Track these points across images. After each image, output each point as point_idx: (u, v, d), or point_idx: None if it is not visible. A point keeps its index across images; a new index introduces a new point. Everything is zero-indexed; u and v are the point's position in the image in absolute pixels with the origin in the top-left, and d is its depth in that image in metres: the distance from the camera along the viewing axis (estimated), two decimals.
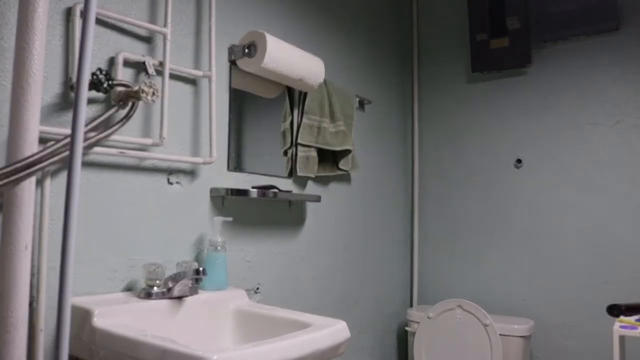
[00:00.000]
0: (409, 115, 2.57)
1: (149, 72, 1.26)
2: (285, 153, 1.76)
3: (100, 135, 1.13)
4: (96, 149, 1.16)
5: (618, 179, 2.06)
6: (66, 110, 1.13)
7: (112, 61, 1.23)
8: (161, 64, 1.31)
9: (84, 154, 1.11)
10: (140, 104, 1.25)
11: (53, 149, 0.99)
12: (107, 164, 1.23)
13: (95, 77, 1.11)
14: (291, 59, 1.58)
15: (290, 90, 1.78)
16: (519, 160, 2.28)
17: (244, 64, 1.54)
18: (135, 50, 1.29)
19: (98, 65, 1.19)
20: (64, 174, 1.11)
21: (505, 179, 2.31)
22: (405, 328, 2.29)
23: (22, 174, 0.91)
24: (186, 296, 1.26)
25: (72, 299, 0.99)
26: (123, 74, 1.23)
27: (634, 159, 2.03)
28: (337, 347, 1.12)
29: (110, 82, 1.14)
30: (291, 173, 1.78)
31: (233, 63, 1.56)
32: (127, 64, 1.26)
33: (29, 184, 0.93)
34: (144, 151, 1.29)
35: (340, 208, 2.04)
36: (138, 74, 1.29)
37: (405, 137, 2.54)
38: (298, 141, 1.76)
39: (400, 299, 2.45)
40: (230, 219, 1.43)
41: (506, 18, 2.23)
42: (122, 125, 1.17)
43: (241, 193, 1.50)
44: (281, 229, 1.74)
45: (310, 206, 1.88)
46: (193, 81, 1.45)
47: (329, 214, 1.97)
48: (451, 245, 2.44)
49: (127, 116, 1.18)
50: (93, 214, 1.19)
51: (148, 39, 1.33)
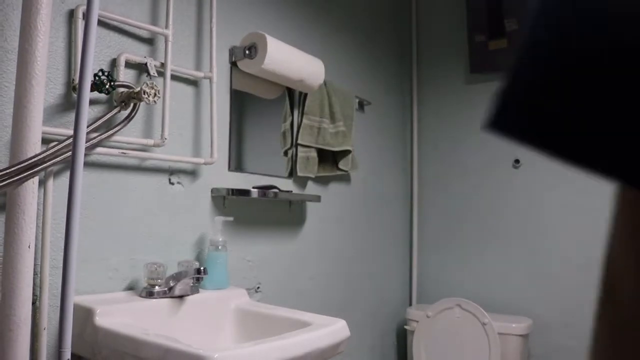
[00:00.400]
0: (408, 115, 2.58)
1: (151, 74, 1.27)
2: (286, 153, 1.77)
3: (103, 136, 1.14)
4: (98, 149, 1.17)
5: None
6: (69, 111, 1.14)
7: (114, 62, 1.23)
8: (163, 65, 1.32)
9: (86, 155, 1.11)
10: (142, 105, 1.26)
11: (56, 149, 1.00)
12: (109, 165, 1.24)
13: (97, 79, 1.12)
14: (291, 60, 1.59)
15: (290, 91, 1.79)
16: (517, 161, 2.29)
17: (244, 65, 1.55)
18: (137, 52, 1.30)
19: (100, 66, 1.20)
20: (67, 174, 1.12)
21: (504, 178, 2.32)
22: (405, 327, 2.30)
23: (25, 174, 0.92)
24: (187, 295, 1.27)
25: (75, 298, 0.99)
26: (125, 75, 1.24)
27: None
28: (337, 346, 1.13)
29: (113, 83, 1.15)
30: (291, 173, 1.79)
31: (234, 64, 1.57)
32: (129, 65, 1.26)
33: (32, 184, 0.94)
34: (146, 152, 1.30)
35: (340, 208, 2.05)
36: (140, 75, 1.30)
37: (405, 138, 2.55)
38: (298, 142, 1.77)
39: (400, 298, 2.46)
40: (231, 219, 1.44)
41: (504, 19, 2.24)
42: (124, 126, 1.18)
43: (242, 193, 1.51)
44: (281, 228, 1.75)
45: (310, 206, 1.89)
46: (194, 82, 1.46)
47: (329, 214, 1.98)
48: (450, 244, 2.45)
49: (129, 117, 1.19)
50: (95, 213, 1.20)
51: (150, 41, 1.34)
